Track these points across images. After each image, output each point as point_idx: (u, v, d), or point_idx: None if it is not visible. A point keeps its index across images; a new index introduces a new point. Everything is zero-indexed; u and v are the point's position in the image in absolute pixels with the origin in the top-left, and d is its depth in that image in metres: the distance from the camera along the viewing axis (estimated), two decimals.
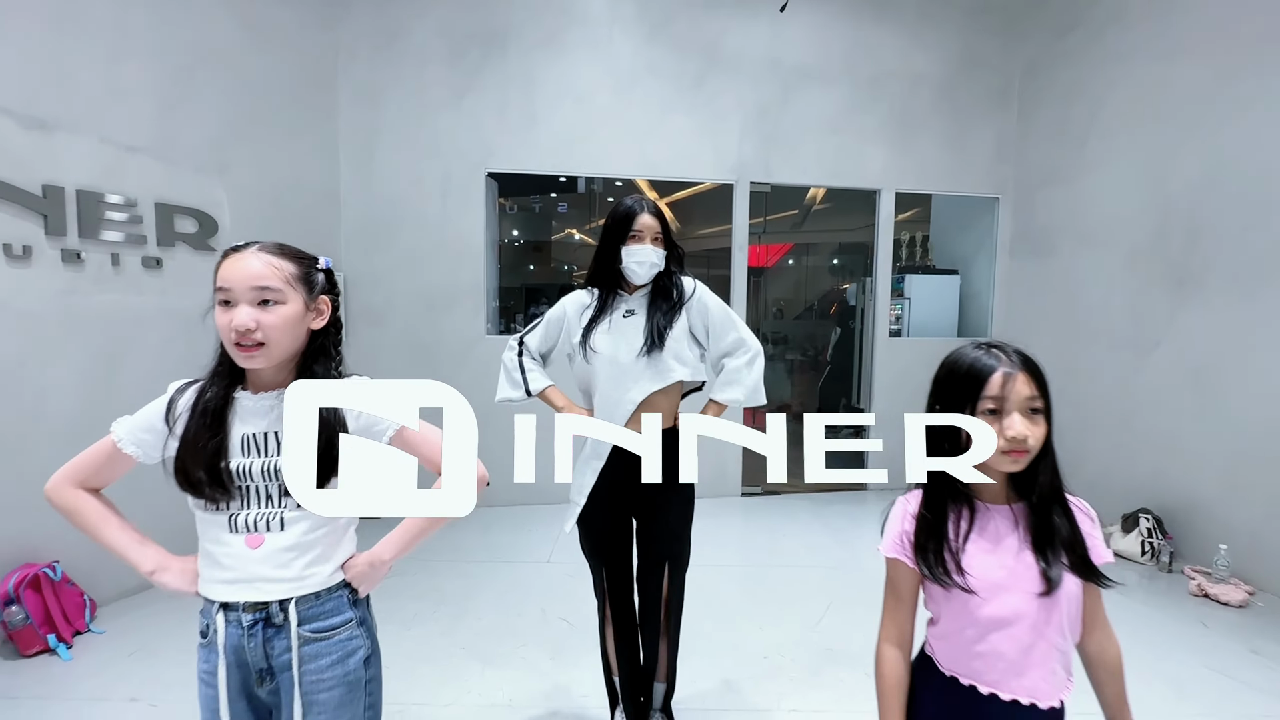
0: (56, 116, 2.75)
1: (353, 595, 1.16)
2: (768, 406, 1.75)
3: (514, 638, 2.73)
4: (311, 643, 1.11)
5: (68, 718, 2.19)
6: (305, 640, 1.10)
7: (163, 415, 1.11)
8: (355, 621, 1.15)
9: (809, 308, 9.15)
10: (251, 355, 1.06)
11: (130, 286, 3.04)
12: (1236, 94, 3.45)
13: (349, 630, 1.14)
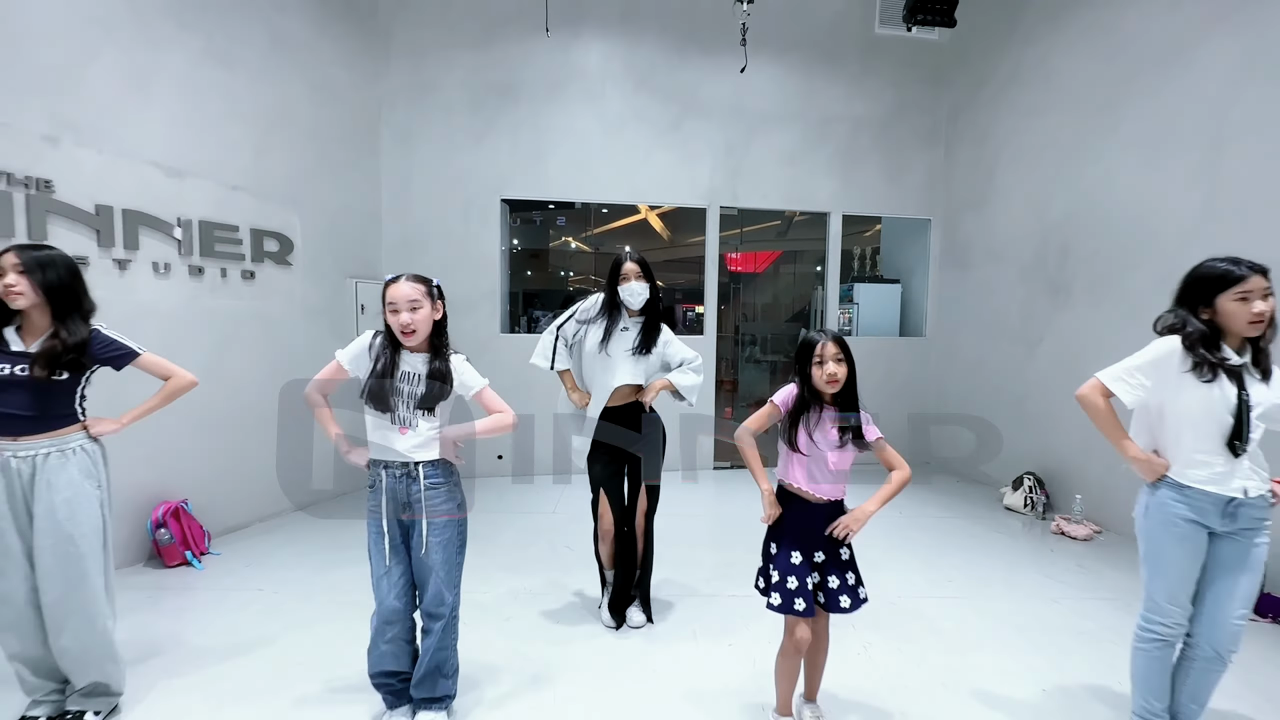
0: (186, 165, 3.67)
1: (450, 467, 2.07)
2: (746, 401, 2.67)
3: (529, 558, 3.64)
4: (429, 489, 2.02)
5: (214, 602, 3.07)
6: (426, 487, 2.01)
7: (366, 348, 2.02)
8: (455, 480, 2.07)
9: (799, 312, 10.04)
10: (408, 338, 1.97)
11: (233, 293, 3.95)
12: (1091, 147, 4.42)
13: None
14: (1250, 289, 1.78)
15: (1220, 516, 1.84)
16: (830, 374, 1.88)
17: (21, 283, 1.92)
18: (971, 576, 3.50)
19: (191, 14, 3.67)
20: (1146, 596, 1.98)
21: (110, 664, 2.12)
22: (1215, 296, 1.83)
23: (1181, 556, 1.89)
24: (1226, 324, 1.82)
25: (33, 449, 1.96)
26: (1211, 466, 1.82)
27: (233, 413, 3.93)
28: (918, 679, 2.46)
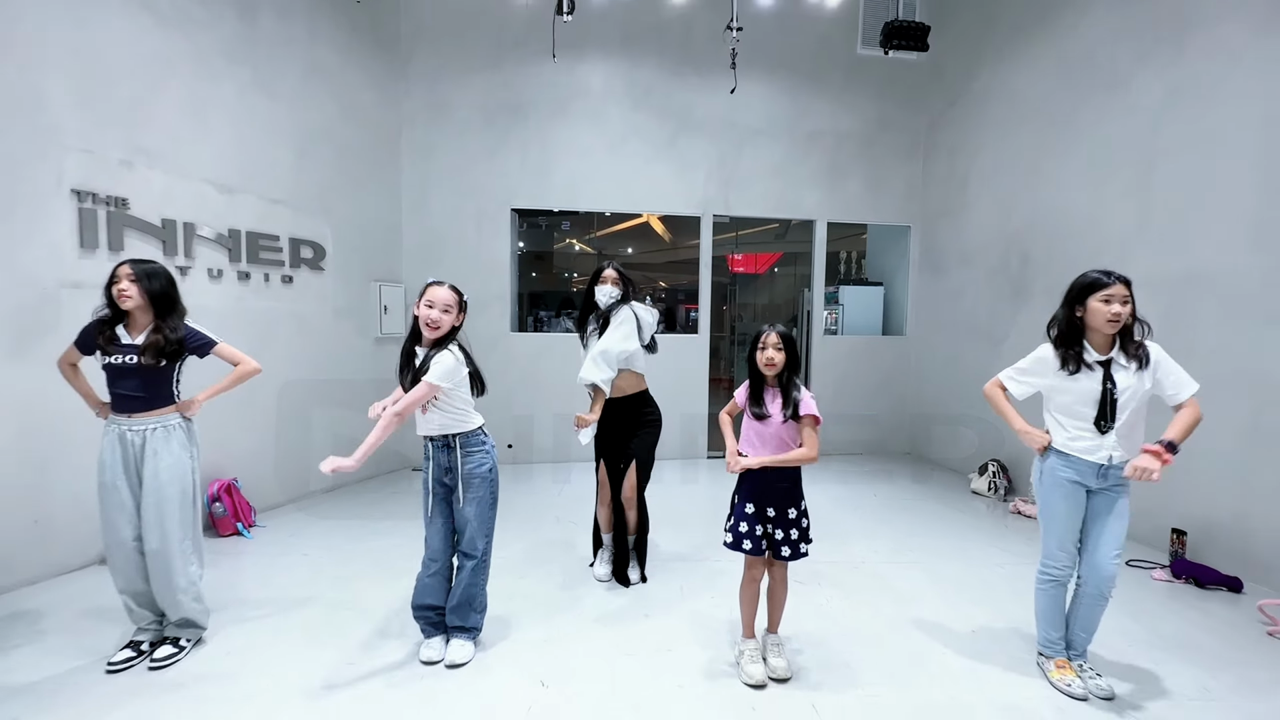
0: (235, 183, 4.15)
1: (482, 438, 2.53)
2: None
3: (538, 527, 4.10)
4: (466, 456, 2.48)
5: (265, 565, 3.54)
6: (463, 455, 2.48)
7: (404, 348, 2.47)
8: (485, 449, 2.53)
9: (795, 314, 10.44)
10: (431, 332, 2.43)
11: (273, 295, 4.43)
12: (1046, 162, 4.86)
13: (482, 452, 2.52)
14: (1113, 294, 2.23)
15: (1095, 477, 2.29)
16: (769, 359, 2.33)
17: (132, 289, 2.40)
18: (930, 547, 3.94)
19: (241, 49, 4.15)
20: (1043, 545, 2.43)
21: (196, 604, 2.59)
22: (1087, 298, 2.28)
23: (1067, 510, 2.34)
24: (1091, 321, 2.27)
25: (143, 425, 2.44)
26: (1084, 440, 2.27)
27: (271, 402, 4.41)
28: (868, 624, 2.91)
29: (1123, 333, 2.28)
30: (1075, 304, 2.32)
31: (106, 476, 2.45)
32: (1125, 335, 2.29)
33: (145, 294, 2.43)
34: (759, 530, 2.38)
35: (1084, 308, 2.29)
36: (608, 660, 2.57)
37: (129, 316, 2.46)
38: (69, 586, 3.16)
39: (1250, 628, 2.91)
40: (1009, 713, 2.24)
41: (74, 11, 3.27)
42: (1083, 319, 2.29)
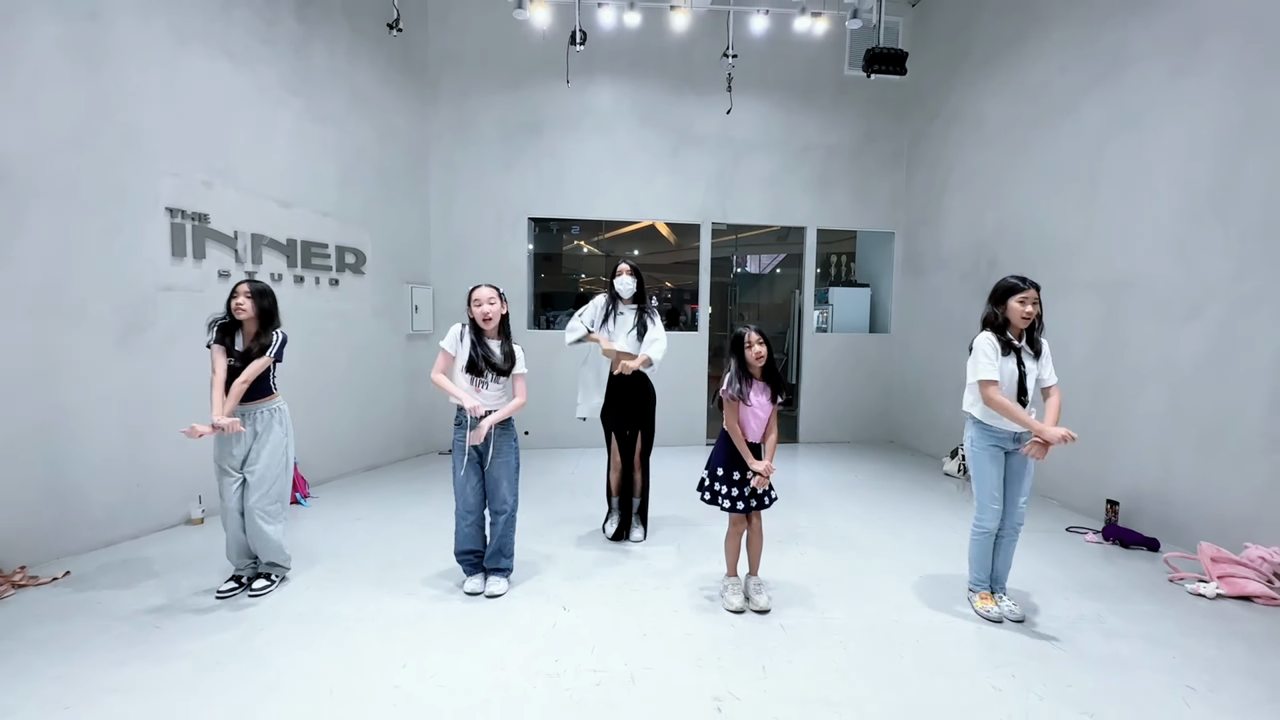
0: (292, 198, 4.76)
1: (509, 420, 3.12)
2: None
3: (554, 501, 4.69)
4: (501, 426, 3.07)
5: (324, 528, 4.13)
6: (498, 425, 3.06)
7: (457, 337, 3.06)
8: (512, 423, 3.12)
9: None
10: (487, 325, 3.02)
11: (322, 296, 5.04)
12: (1010, 176, 5.41)
13: (510, 425, 3.11)
14: (1026, 296, 2.79)
15: (1011, 442, 2.86)
16: (758, 353, 2.89)
17: (248, 304, 2.99)
18: (898, 515, 4.51)
19: (297, 82, 4.76)
20: (977, 502, 2.98)
21: (281, 551, 3.18)
22: (1007, 299, 2.84)
23: (993, 471, 2.89)
24: (1010, 318, 2.83)
25: (253, 412, 3.03)
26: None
27: (319, 391, 5.02)
28: (832, 570, 3.49)
29: (1029, 328, 2.84)
30: (998, 303, 2.87)
31: (218, 456, 3.02)
32: (1030, 331, 2.85)
33: (256, 309, 3.02)
34: (742, 492, 2.93)
35: (1004, 307, 2.84)
36: (616, 593, 3.15)
37: (241, 325, 3.05)
38: (166, 541, 3.77)
39: (1156, 576, 3.46)
40: (936, 630, 2.81)
41: (167, 58, 3.88)
42: (1003, 315, 2.85)
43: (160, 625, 2.75)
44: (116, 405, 3.69)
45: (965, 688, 2.36)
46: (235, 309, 2.98)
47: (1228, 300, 3.66)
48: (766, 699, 2.28)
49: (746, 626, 2.83)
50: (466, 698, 2.25)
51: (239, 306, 2.97)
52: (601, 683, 2.36)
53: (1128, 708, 2.26)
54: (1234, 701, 2.31)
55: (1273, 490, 3.40)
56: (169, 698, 2.22)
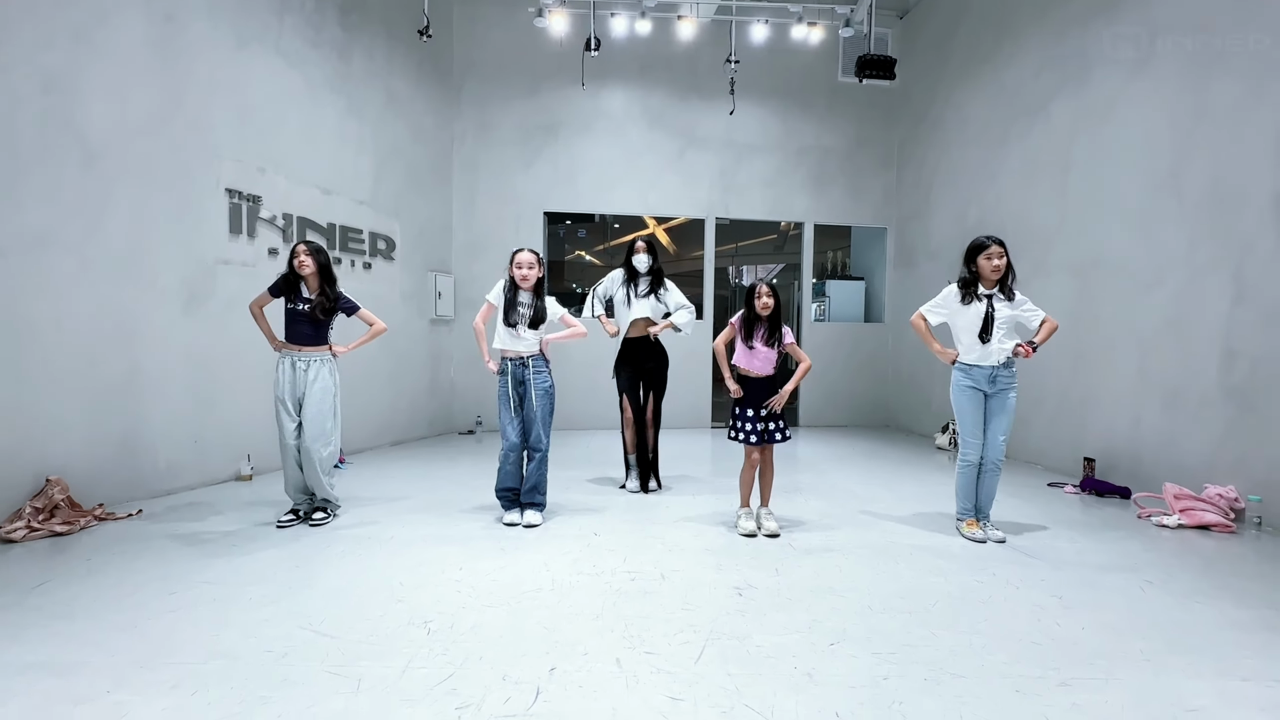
0: (334, 187, 5.18)
1: (546, 360, 3.50)
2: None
3: (572, 469, 5.04)
4: (536, 373, 3.45)
5: (364, 483, 4.46)
6: (534, 371, 3.44)
7: (502, 290, 3.44)
8: (548, 369, 3.50)
9: None
10: (525, 283, 3.42)
11: (357, 278, 5.43)
12: (991, 172, 5.87)
13: (546, 370, 3.48)
14: (991, 252, 3.21)
15: (987, 383, 3.25)
16: (764, 304, 3.29)
17: (309, 260, 3.38)
18: (894, 476, 4.87)
19: (339, 82, 5.21)
20: (960, 438, 3.36)
21: (334, 489, 3.53)
22: (976, 257, 3.25)
23: (972, 409, 3.28)
24: (981, 273, 3.24)
25: (309, 357, 3.40)
26: (975, 351, 3.22)
27: (353, 368, 5.37)
28: (836, 511, 3.84)
29: (1001, 279, 3.25)
30: (970, 262, 3.29)
31: (280, 392, 3.39)
32: (1002, 281, 3.26)
33: (316, 264, 3.41)
34: (758, 427, 3.31)
35: (975, 264, 3.26)
36: (640, 526, 3.50)
37: (304, 280, 3.44)
38: (220, 491, 4.11)
39: (1127, 517, 3.83)
40: (926, 547, 3.17)
41: (232, 57, 4.32)
42: (975, 271, 3.26)
43: (236, 543, 3.09)
44: (181, 367, 4.04)
45: (951, 581, 2.72)
46: (299, 266, 3.37)
47: (1183, 270, 4.08)
48: (780, 587, 2.63)
49: (758, 545, 3.18)
50: (519, 587, 2.59)
51: (302, 264, 3.37)
52: (636, 579, 2.71)
53: (1091, 592, 2.62)
54: (1184, 589, 2.67)
55: (1227, 437, 3.79)
56: (260, 587, 2.56)
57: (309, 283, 3.44)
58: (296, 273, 3.40)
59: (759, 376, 3.34)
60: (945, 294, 3.36)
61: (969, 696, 1.82)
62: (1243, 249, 3.73)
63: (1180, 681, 1.93)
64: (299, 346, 3.41)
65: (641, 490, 4.25)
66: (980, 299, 3.23)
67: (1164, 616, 2.40)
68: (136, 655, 1.99)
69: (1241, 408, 3.72)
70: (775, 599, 2.51)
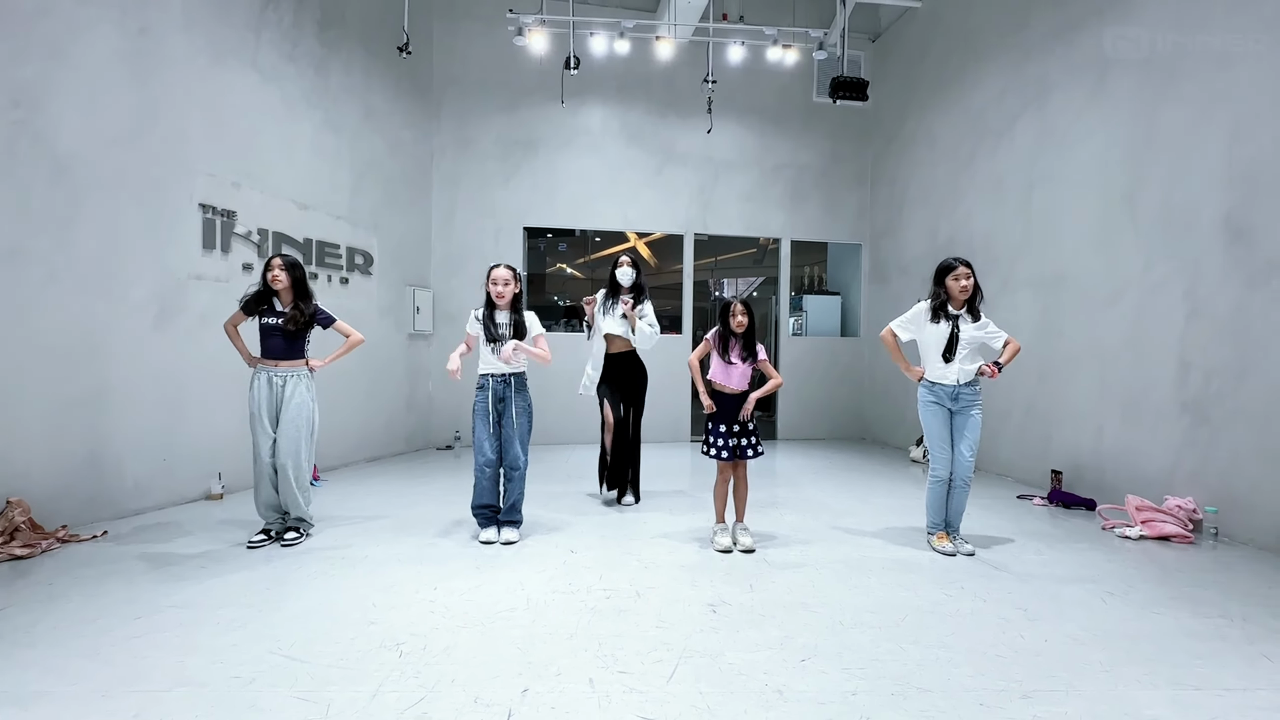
0: (309, 201, 5.15)
1: (524, 379, 3.51)
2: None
3: (550, 484, 5.03)
4: (516, 391, 3.46)
5: (339, 500, 4.40)
6: (516, 390, 3.45)
7: (475, 319, 3.45)
8: (527, 389, 3.51)
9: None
10: (501, 300, 3.44)
11: (335, 294, 5.39)
12: (959, 190, 6.05)
13: (527, 390, 3.50)
14: (959, 273, 3.31)
15: (950, 400, 3.33)
16: (739, 321, 3.35)
17: (283, 275, 3.37)
18: (867, 489, 4.95)
19: (316, 96, 5.20)
20: (929, 454, 3.44)
21: (309, 507, 3.49)
22: (944, 279, 3.35)
23: (938, 424, 3.36)
24: (949, 293, 3.34)
25: (285, 372, 3.37)
26: (938, 369, 3.31)
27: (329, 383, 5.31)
28: (809, 524, 3.89)
29: (969, 299, 3.35)
30: (939, 283, 3.38)
31: (256, 407, 3.35)
32: (969, 301, 3.36)
33: (291, 279, 3.40)
34: (731, 443, 3.35)
35: (944, 285, 3.35)
36: (616, 541, 3.52)
37: (278, 295, 3.41)
38: (189, 511, 4.02)
39: (1091, 528, 3.93)
40: (897, 562, 3.23)
41: (208, 71, 4.30)
42: (944, 292, 3.36)
43: (205, 565, 3.03)
44: (151, 384, 3.97)
45: (921, 595, 2.77)
46: (272, 280, 3.35)
47: (1140, 288, 4.24)
48: (754, 603, 2.66)
49: (733, 561, 3.21)
50: (494, 607, 2.59)
51: (275, 278, 3.34)
52: (611, 597, 2.72)
53: (1055, 604, 2.69)
54: (1143, 599, 2.76)
55: (1184, 449, 3.93)
56: (229, 610, 2.52)
57: (282, 297, 3.41)
58: (270, 287, 3.38)
59: (734, 392, 3.39)
60: (915, 311, 3.45)
61: (934, 711, 1.86)
62: (1194, 267, 3.90)
63: (1137, 692, 1.99)
64: (275, 361, 3.38)
65: (617, 500, 4.27)
66: (947, 319, 3.32)
67: (1123, 627, 2.48)
68: (100, 683, 1.95)
69: (1196, 420, 3.86)
70: (748, 615, 2.54)
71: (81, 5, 3.58)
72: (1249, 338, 3.59)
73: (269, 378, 3.36)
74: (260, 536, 3.37)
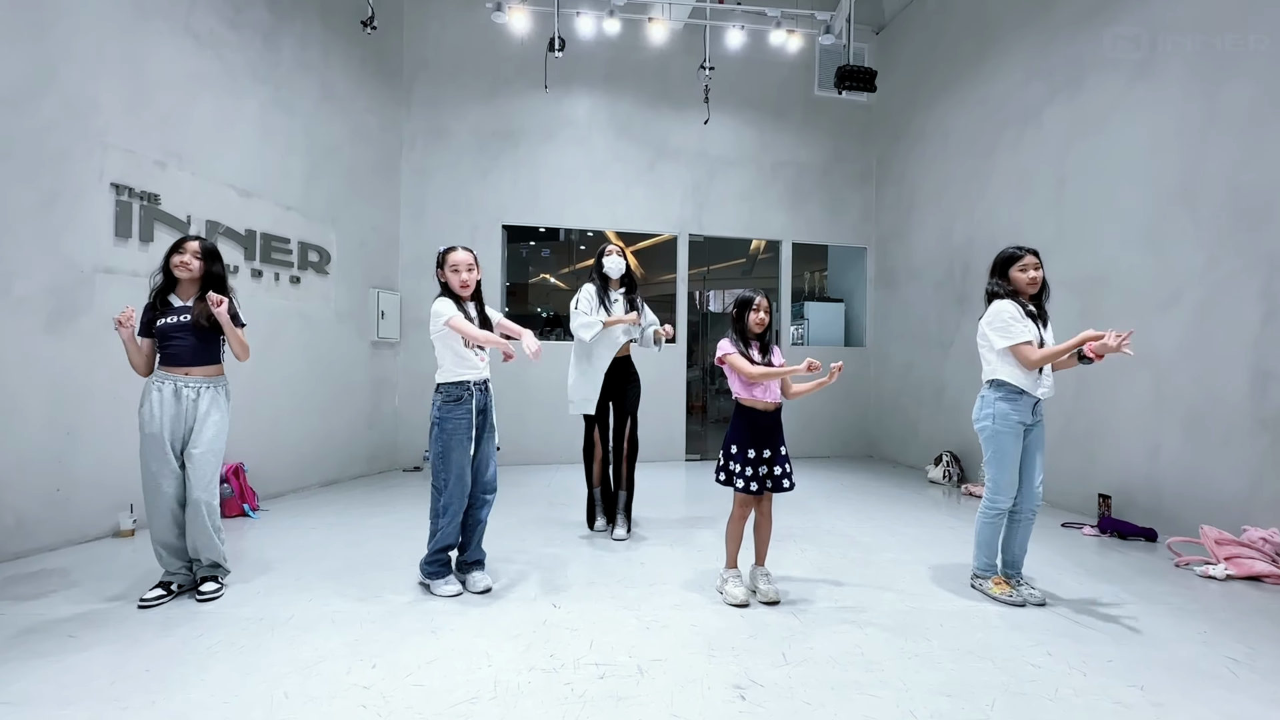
0: (253, 188, 4.49)
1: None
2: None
3: (531, 510, 4.36)
4: (490, 400, 2.81)
5: (276, 537, 3.71)
6: (491, 397, 2.81)
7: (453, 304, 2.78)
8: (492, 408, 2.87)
9: None
10: (465, 292, 2.80)
11: (283, 294, 4.71)
12: (978, 186, 5.57)
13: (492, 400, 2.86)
14: (1026, 263, 2.75)
15: (1030, 414, 2.74)
16: (760, 319, 2.76)
17: (195, 264, 2.70)
18: (890, 516, 4.36)
19: (265, 69, 4.56)
20: (994, 482, 2.78)
21: (221, 548, 2.79)
22: (1008, 270, 2.79)
23: (1015, 449, 2.74)
24: (1017, 287, 2.77)
25: (198, 382, 2.69)
26: (1029, 377, 2.71)
27: (275, 395, 4.63)
28: (838, 563, 3.28)
29: (1037, 295, 2.79)
30: (1001, 276, 2.82)
31: (155, 428, 2.64)
32: (1038, 297, 2.80)
33: (205, 271, 2.73)
34: (760, 471, 2.73)
35: (1008, 278, 2.79)
36: (609, 589, 2.87)
37: (178, 285, 2.75)
38: (89, 551, 3.30)
39: (1160, 563, 3.38)
40: (958, 615, 2.63)
41: (127, 30, 3.65)
42: (1007, 288, 2.79)
43: (75, 633, 2.33)
44: (39, 399, 3.26)
45: (1002, 666, 2.17)
46: (178, 266, 2.68)
47: (1203, 287, 3.74)
48: (793, 684, 2.03)
49: (755, 617, 2.58)
50: (449, 696, 1.93)
51: (183, 264, 2.68)
52: (605, 675, 2.07)
53: (1175, 677, 2.10)
54: (1277, 666, 2.18)
55: (1264, 471, 3.40)
56: (78, 710, 1.83)
57: (184, 288, 2.74)
58: (171, 274, 2.71)
59: (768, 407, 2.77)
60: (1013, 308, 2.70)
61: None
62: (1270, 261, 3.40)
63: None
64: (185, 369, 2.69)
65: (606, 524, 3.67)
66: (1031, 317, 2.73)
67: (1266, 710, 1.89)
68: None
69: (1277, 438, 3.34)
70: (788, 702, 1.91)
71: None
72: None
73: (176, 389, 2.67)
74: (157, 593, 2.65)
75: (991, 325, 2.76)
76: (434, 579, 2.81)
